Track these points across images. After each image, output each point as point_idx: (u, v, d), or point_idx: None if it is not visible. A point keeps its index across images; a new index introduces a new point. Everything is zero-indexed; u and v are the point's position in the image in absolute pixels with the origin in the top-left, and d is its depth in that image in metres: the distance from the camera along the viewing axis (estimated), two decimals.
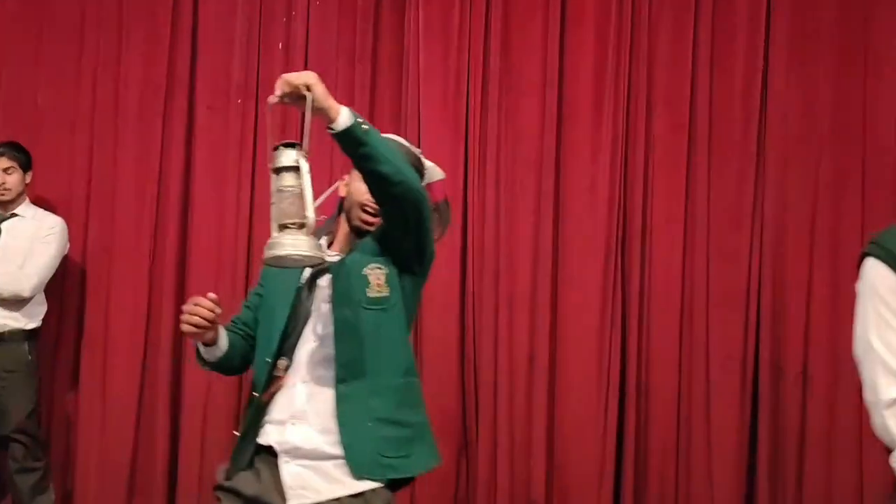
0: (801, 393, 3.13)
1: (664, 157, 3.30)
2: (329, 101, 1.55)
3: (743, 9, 3.28)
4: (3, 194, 3.21)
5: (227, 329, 1.80)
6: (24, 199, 3.31)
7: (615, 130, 3.30)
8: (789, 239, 3.22)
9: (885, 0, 3.21)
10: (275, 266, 1.60)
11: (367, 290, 1.72)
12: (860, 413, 2.83)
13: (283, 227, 1.53)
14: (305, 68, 3.23)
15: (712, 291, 3.22)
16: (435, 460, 1.79)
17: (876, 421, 1.38)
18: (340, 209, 1.84)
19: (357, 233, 1.78)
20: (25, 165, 3.27)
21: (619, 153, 3.30)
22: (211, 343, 1.73)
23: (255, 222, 3.44)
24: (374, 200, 1.69)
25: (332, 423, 1.66)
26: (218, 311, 1.67)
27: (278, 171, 1.54)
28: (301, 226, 1.52)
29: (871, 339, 1.40)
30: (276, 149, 1.56)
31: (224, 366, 1.83)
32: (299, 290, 1.74)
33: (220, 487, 1.72)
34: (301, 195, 1.52)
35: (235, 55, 3.48)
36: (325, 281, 1.75)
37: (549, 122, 3.32)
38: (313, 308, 1.74)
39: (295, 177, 1.53)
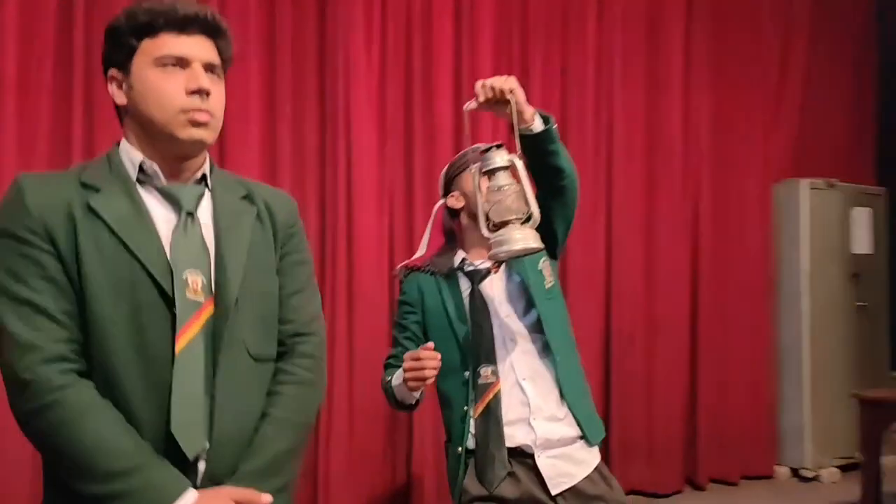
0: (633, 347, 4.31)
1: None
2: (527, 105, 1.68)
3: (592, 34, 4.17)
4: None
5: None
6: None
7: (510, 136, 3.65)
8: (626, 231, 4.27)
9: None
10: (504, 261, 1.74)
11: (544, 283, 1.86)
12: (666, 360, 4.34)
13: (504, 223, 1.62)
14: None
15: (579, 275, 4.08)
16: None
17: None
18: (450, 223, 1.95)
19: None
20: None
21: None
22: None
23: None
24: None
25: (560, 409, 1.78)
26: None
27: (492, 171, 1.64)
28: (526, 219, 1.63)
29: None
30: (486, 151, 1.68)
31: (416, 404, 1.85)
32: (472, 299, 1.82)
33: (482, 499, 1.74)
34: (521, 191, 1.63)
35: None
36: (493, 285, 1.84)
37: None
38: (491, 312, 1.81)
39: (508, 175, 1.66)
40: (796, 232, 4.83)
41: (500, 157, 1.65)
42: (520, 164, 1.66)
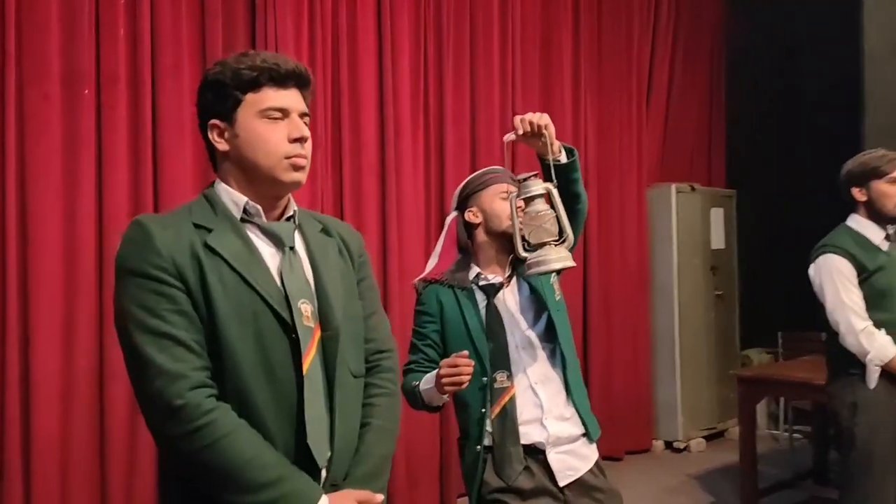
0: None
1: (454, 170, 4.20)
2: (555, 139, 1.90)
3: (497, 52, 4.52)
4: None
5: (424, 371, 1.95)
6: None
7: (427, 144, 4.17)
8: None
9: None
10: (540, 276, 1.92)
11: (555, 295, 2.04)
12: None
13: (542, 244, 1.81)
14: (153, 59, 3.04)
15: None
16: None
17: (852, 342, 2.62)
18: (465, 237, 2.08)
19: (510, 245, 1.96)
20: None
21: (432, 163, 4.20)
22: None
23: (105, 226, 3.12)
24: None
25: (567, 409, 1.97)
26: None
27: (530, 198, 1.85)
28: (562, 242, 1.83)
29: (842, 297, 2.64)
30: (523, 181, 1.87)
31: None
32: (488, 311, 1.97)
33: (500, 490, 1.89)
34: (556, 217, 1.82)
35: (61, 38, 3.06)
36: (506, 298, 2.00)
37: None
38: (505, 323, 1.97)
39: (544, 202, 1.86)
40: (667, 230, 5.43)
41: (536, 186, 1.84)
42: (555, 192, 1.85)
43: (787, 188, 5.97)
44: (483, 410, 1.92)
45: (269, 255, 1.37)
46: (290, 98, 1.39)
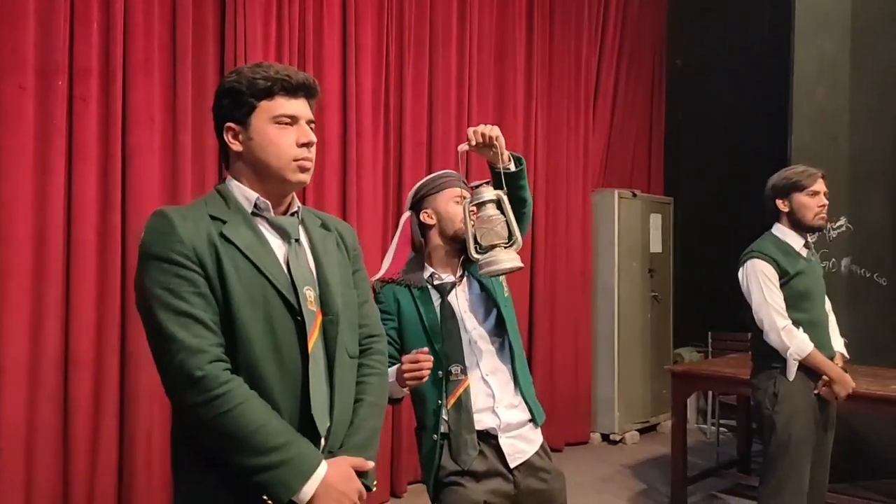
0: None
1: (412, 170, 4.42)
2: (505, 149, 2.07)
3: (454, 59, 4.74)
4: None
5: None
6: None
7: (386, 144, 4.36)
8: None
9: None
10: (492, 276, 2.07)
11: (504, 292, 2.20)
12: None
13: (493, 246, 1.96)
14: (125, 53, 3.12)
15: None
16: None
17: (774, 339, 2.91)
18: (420, 237, 2.20)
19: (461, 247, 2.11)
20: None
21: (391, 162, 4.39)
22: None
23: (74, 217, 3.18)
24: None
25: (515, 397, 2.12)
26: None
27: (482, 204, 2.01)
28: (511, 245, 1.98)
29: (766, 297, 2.93)
30: (476, 187, 2.04)
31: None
32: (442, 309, 2.10)
33: (456, 474, 2.02)
34: (506, 221, 1.97)
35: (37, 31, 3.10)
36: (458, 296, 2.14)
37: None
38: (458, 319, 2.11)
39: (495, 207, 2.01)
40: (609, 234, 5.73)
41: (488, 192, 1.99)
42: (504, 199, 2.00)
43: (719, 197, 6.38)
44: (439, 402, 2.05)
45: (277, 246, 1.53)
46: (300, 106, 1.55)
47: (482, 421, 2.06)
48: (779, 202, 3.04)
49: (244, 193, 1.54)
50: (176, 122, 3.50)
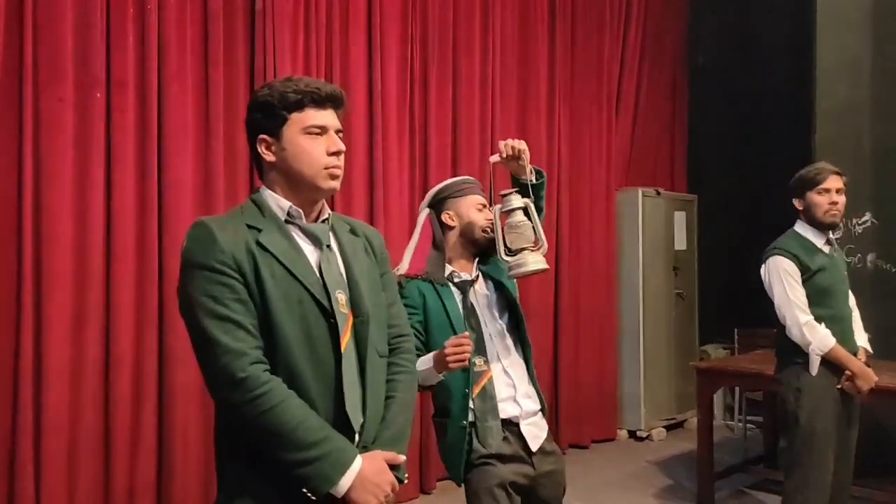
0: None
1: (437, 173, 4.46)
2: (529, 163, 2.25)
3: (478, 61, 4.82)
4: None
5: None
6: None
7: (412, 149, 4.47)
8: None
9: None
10: (521, 277, 2.21)
11: (516, 292, 2.36)
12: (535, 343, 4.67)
13: (521, 249, 2.13)
14: (159, 65, 3.23)
15: None
16: None
17: (796, 334, 2.96)
18: (441, 236, 2.33)
19: (478, 249, 2.30)
20: None
21: (416, 167, 4.50)
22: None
23: (113, 223, 3.31)
24: (489, 223, 2.27)
25: (530, 388, 2.30)
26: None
27: (511, 211, 2.16)
28: (538, 248, 2.16)
29: (788, 293, 2.98)
30: (506, 196, 2.18)
31: None
32: (465, 304, 2.22)
33: (487, 456, 2.15)
34: (532, 227, 2.18)
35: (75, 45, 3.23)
36: (477, 293, 2.27)
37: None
38: (480, 315, 2.24)
39: (522, 214, 2.17)
40: (634, 232, 5.77)
41: (517, 200, 2.16)
42: (531, 206, 2.17)
43: (743, 194, 6.38)
44: (466, 391, 2.17)
45: (310, 252, 1.62)
46: (328, 117, 1.63)
47: (505, 409, 2.20)
48: (795, 201, 3.08)
49: (278, 202, 1.63)
50: (209, 130, 3.61)
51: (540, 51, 5.26)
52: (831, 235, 3.09)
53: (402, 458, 1.61)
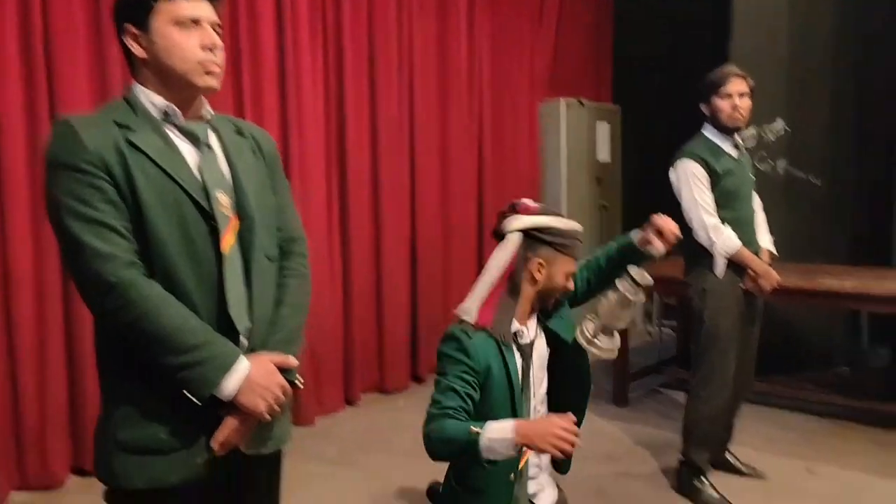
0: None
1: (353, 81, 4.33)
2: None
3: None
4: None
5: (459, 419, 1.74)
6: None
7: (325, 57, 4.28)
8: (426, 147, 4.92)
9: None
10: (587, 350, 1.88)
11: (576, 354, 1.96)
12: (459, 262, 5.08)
13: (608, 328, 1.84)
14: None
15: (390, 189, 4.68)
16: None
17: (703, 236, 3.01)
18: (516, 284, 1.89)
19: (542, 306, 1.94)
20: None
21: (331, 73, 4.32)
22: None
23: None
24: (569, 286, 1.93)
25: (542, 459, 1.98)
26: None
27: (637, 286, 1.83)
28: (619, 332, 1.89)
29: (695, 196, 3.00)
30: (632, 274, 1.86)
31: None
32: (524, 372, 1.87)
33: None
34: (637, 311, 1.96)
35: None
36: (536, 352, 1.91)
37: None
38: (531, 382, 1.89)
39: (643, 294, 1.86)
40: (557, 143, 5.76)
41: (641, 278, 1.84)
42: (640, 298, 1.86)
43: (665, 104, 6.41)
44: (510, 474, 1.86)
45: (188, 151, 1.53)
46: (202, 8, 1.52)
47: (529, 487, 1.96)
48: (702, 106, 3.09)
49: (151, 99, 1.52)
50: (101, 34, 3.38)
51: None
52: (738, 139, 3.12)
53: (294, 361, 1.58)
